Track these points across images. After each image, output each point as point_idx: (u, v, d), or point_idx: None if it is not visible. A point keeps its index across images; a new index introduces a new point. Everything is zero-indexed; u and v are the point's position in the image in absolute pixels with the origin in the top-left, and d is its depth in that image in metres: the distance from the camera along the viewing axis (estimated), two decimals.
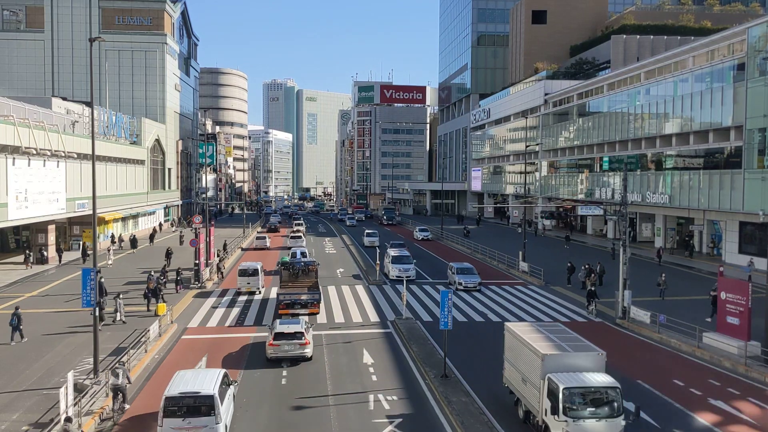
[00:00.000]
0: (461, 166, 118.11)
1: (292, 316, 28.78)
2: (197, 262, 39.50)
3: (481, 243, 58.60)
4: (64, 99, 61.44)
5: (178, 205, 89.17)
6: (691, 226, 52.40)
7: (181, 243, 59.55)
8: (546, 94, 75.44)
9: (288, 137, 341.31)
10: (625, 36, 76.33)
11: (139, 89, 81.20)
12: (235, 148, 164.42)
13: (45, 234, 47.21)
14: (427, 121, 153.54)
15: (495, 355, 24.54)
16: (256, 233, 70.39)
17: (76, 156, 49.04)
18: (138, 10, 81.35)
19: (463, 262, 43.50)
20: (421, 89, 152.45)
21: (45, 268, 44.61)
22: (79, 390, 18.56)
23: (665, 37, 75.58)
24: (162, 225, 77.80)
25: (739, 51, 42.46)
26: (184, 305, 33.45)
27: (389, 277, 41.90)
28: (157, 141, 77.24)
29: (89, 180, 38.04)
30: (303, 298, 30.55)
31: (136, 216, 67.93)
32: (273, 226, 78.38)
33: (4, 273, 41.86)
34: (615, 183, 58.66)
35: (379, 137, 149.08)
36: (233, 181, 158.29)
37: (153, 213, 75.20)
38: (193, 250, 41.25)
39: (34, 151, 41.90)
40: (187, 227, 74.91)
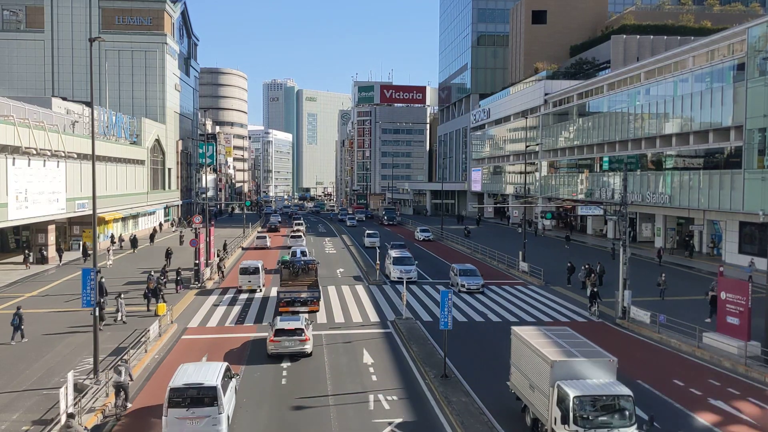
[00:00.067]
0: (461, 166, 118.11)
1: (292, 313, 28.99)
2: (197, 262, 39.57)
3: (481, 243, 58.60)
4: (64, 99, 61.45)
5: (178, 205, 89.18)
6: (691, 226, 52.41)
7: (181, 243, 59.57)
8: (546, 94, 75.44)
9: (288, 137, 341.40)
10: (625, 36, 76.33)
11: (139, 89, 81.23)
12: (235, 148, 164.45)
13: (45, 234, 47.19)
14: (427, 121, 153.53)
15: (495, 355, 24.59)
16: (256, 233, 70.53)
17: (76, 156, 49.05)
18: (138, 10, 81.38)
19: (465, 263, 43.19)
20: (421, 89, 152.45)
21: (45, 268, 44.62)
22: (79, 390, 18.58)
23: (665, 37, 75.58)
24: (162, 225, 77.82)
25: (739, 51, 42.47)
26: (184, 304, 33.48)
27: (390, 279, 41.60)
28: (157, 141, 77.26)
29: (89, 180, 38.03)
30: (303, 296, 30.90)
31: (136, 216, 67.95)
32: (273, 226, 78.71)
33: (4, 273, 41.87)
34: (615, 183, 58.67)
35: (379, 137, 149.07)
36: (233, 181, 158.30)
37: (153, 213, 75.21)
38: (193, 250, 41.29)
39: (34, 151, 41.90)
40: (187, 227, 74.93)
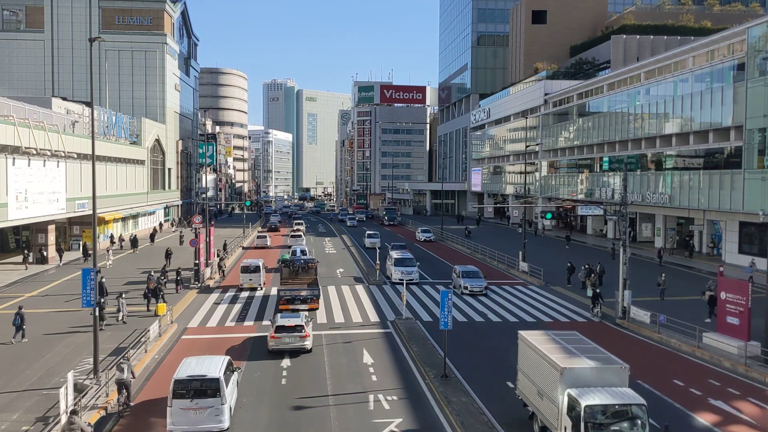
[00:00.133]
0: (461, 166, 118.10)
1: (292, 311, 29.23)
2: (197, 262, 39.61)
3: (481, 243, 58.62)
4: (64, 99, 61.43)
5: (178, 205, 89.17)
6: (691, 226, 52.42)
7: (181, 243, 59.60)
8: (546, 94, 75.43)
9: (288, 137, 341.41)
10: (625, 36, 76.32)
11: (139, 89, 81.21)
12: (235, 148, 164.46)
13: (45, 234, 47.18)
14: (427, 121, 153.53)
15: (495, 355, 24.63)
16: (256, 232, 70.69)
17: (76, 156, 49.04)
18: (138, 10, 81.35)
19: (468, 264, 42.90)
20: (421, 89, 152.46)
21: (45, 268, 44.63)
22: (79, 390, 18.58)
23: (665, 37, 75.57)
24: (162, 225, 77.83)
25: (739, 51, 42.46)
26: (184, 304, 33.49)
27: (391, 280, 41.08)
28: (157, 141, 77.25)
29: (89, 180, 38.02)
30: (303, 294, 31.41)
31: (136, 216, 67.94)
32: (273, 226, 79.01)
33: (4, 273, 41.87)
34: (615, 183, 58.66)
35: (379, 137, 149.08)
36: (233, 181, 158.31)
37: (153, 213, 75.20)
38: (193, 250, 41.34)
39: (34, 151, 41.89)
40: (187, 227, 74.94)
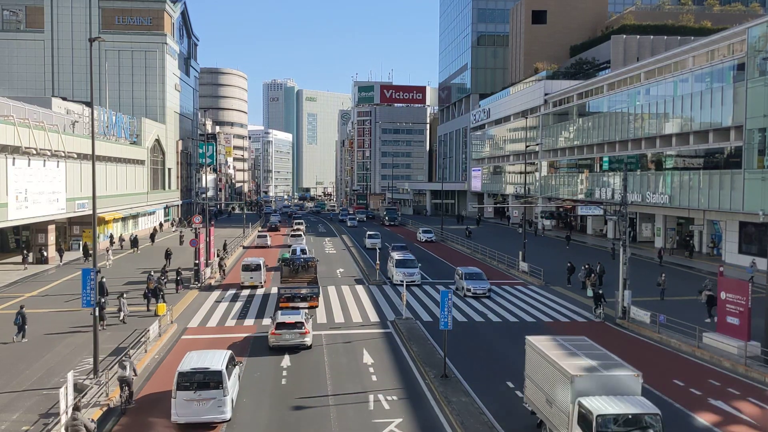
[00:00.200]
0: (461, 166, 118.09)
1: (292, 308, 29.40)
2: (197, 262, 39.63)
3: (481, 243, 58.63)
4: (64, 99, 61.45)
5: (178, 205, 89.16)
6: (691, 226, 52.43)
7: (181, 243, 59.61)
8: (546, 94, 75.42)
9: (288, 137, 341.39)
10: (625, 36, 76.31)
11: (139, 89, 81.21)
12: (235, 148, 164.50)
13: (45, 234, 47.18)
14: (427, 121, 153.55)
15: (495, 355, 24.66)
16: (257, 232, 70.79)
17: (76, 156, 49.04)
18: (138, 10, 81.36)
19: (470, 266, 42.24)
20: (421, 89, 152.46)
21: (45, 268, 44.63)
22: (79, 390, 18.57)
23: (665, 37, 75.57)
24: (162, 225, 77.85)
25: (739, 51, 42.45)
26: (184, 304, 33.49)
27: (393, 282, 40.39)
28: (157, 141, 77.25)
29: (89, 180, 38.03)
30: (303, 292, 31.86)
31: (136, 216, 67.94)
32: (273, 225, 79.50)
33: (4, 273, 41.86)
34: (615, 183, 58.65)
35: (379, 137, 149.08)
36: (233, 181, 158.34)
37: (153, 213, 75.21)
38: (193, 250, 41.36)
39: (34, 151, 41.89)
40: (187, 227, 74.95)
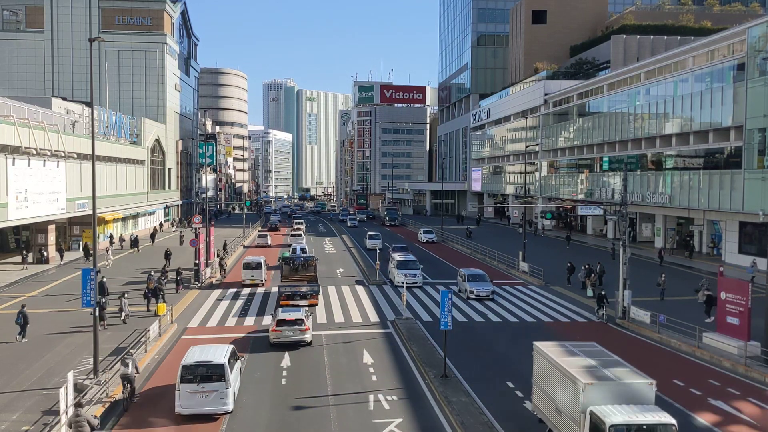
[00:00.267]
0: (461, 166, 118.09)
1: (292, 306, 29.47)
2: (197, 261, 39.64)
3: (481, 243, 58.64)
4: (64, 99, 61.45)
5: (178, 205, 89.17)
6: (691, 226, 52.42)
7: (181, 243, 59.63)
8: (546, 94, 75.42)
9: (288, 137, 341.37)
10: (625, 36, 76.29)
11: (139, 89, 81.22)
12: (235, 148, 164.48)
13: (45, 234, 47.18)
14: (427, 121, 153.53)
15: (495, 355, 24.66)
16: (257, 232, 70.89)
17: (76, 156, 49.04)
18: (138, 10, 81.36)
19: (471, 267, 42.37)
20: (421, 89, 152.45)
21: (45, 268, 44.63)
22: (79, 390, 18.57)
23: (665, 37, 75.55)
24: (162, 225, 77.86)
25: (739, 51, 42.45)
26: (184, 304, 33.50)
27: (394, 283, 39.66)
28: (157, 141, 77.25)
29: (89, 180, 38.03)
30: (303, 290, 32.27)
31: (136, 216, 67.94)
32: (274, 225, 79.95)
33: (4, 273, 41.86)
34: (615, 183, 58.65)
35: (379, 137, 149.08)
36: (233, 181, 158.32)
37: (153, 213, 75.21)
38: (193, 250, 41.37)
39: (34, 151, 41.90)
40: (187, 227, 74.95)
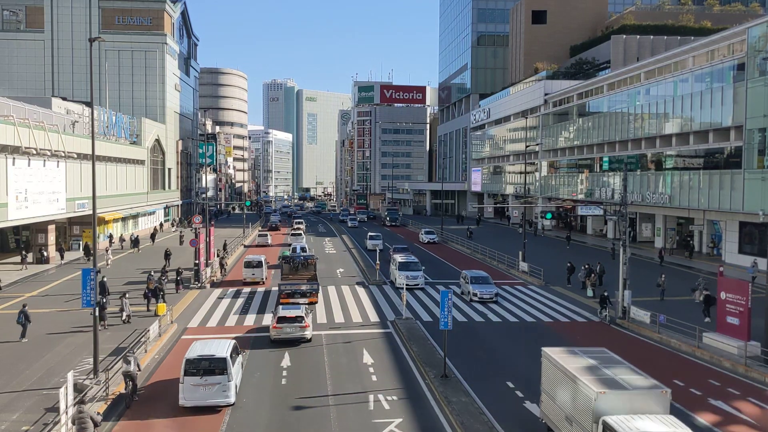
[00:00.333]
0: (461, 166, 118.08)
1: (293, 304, 29.64)
2: (197, 262, 39.63)
3: (481, 243, 58.64)
4: (64, 99, 61.45)
5: (178, 205, 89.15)
6: (691, 226, 52.42)
7: (181, 243, 59.66)
8: (546, 94, 75.42)
9: (288, 137, 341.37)
10: (625, 36, 76.29)
11: (139, 89, 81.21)
12: (235, 148, 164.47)
13: (45, 234, 47.18)
14: (427, 121, 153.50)
15: (495, 355, 24.67)
16: (257, 232, 70.97)
17: (76, 156, 49.04)
18: (138, 10, 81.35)
19: (473, 268, 42.21)
20: (421, 89, 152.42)
21: (45, 268, 44.63)
22: (79, 390, 18.56)
23: (665, 37, 75.55)
24: (162, 225, 77.86)
25: (739, 51, 42.45)
26: (184, 304, 33.49)
27: (396, 285, 38.85)
28: (157, 141, 77.25)
29: (89, 180, 38.04)
30: (303, 288, 32.71)
31: (136, 216, 67.93)
32: (274, 225, 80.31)
33: (5, 273, 41.81)
34: (615, 183, 58.66)
35: (379, 137, 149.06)
36: (233, 181, 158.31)
37: (153, 213, 75.20)
38: (193, 250, 41.37)
39: (34, 151, 41.89)
40: (187, 227, 74.95)
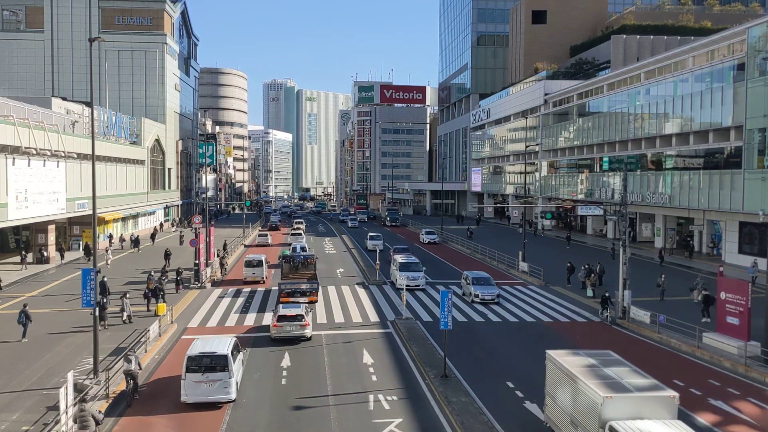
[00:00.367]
0: (461, 166, 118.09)
1: (293, 303, 29.63)
2: (197, 262, 39.63)
3: (481, 243, 58.64)
4: (64, 99, 61.46)
5: (178, 205, 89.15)
6: (691, 226, 52.42)
7: (181, 243, 59.67)
8: (546, 94, 75.43)
9: (288, 137, 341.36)
10: (625, 36, 76.29)
11: (139, 89, 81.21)
12: (235, 148, 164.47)
13: (45, 234, 47.18)
14: (427, 121, 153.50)
15: (495, 355, 24.68)
16: (257, 232, 71.02)
17: (76, 156, 49.04)
18: (138, 10, 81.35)
19: (474, 269, 42.14)
20: (421, 89, 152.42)
21: (45, 267, 44.63)
22: (79, 390, 18.56)
23: (665, 37, 75.56)
24: (162, 225, 77.87)
25: (739, 51, 42.46)
26: (184, 304, 33.49)
27: (396, 286, 38.34)
28: (157, 141, 77.24)
29: (89, 180, 38.05)
30: (303, 287, 32.99)
31: (136, 216, 67.93)
32: (274, 225, 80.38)
33: (5, 273, 41.77)
34: (615, 183, 58.66)
35: (379, 137, 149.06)
36: (233, 181, 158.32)
37: (153, 213, 75.19)
38: (193, 250, 41.38)
39: (34, 151, 41.89)
40: (187, 227, 74.96)
